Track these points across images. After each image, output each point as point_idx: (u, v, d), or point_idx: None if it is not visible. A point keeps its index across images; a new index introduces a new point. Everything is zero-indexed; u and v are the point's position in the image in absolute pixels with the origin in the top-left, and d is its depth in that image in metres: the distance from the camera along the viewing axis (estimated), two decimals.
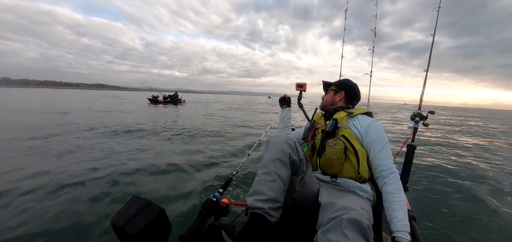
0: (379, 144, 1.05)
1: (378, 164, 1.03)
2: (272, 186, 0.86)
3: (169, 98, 21.03)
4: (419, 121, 1.78)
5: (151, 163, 3.59)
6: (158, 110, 13.95)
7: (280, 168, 0.89)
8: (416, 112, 1.81)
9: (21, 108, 11.98)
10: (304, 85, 1.86)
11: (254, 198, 0.85)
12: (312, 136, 1.23)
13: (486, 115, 26.89)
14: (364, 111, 1.20)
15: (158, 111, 13.50)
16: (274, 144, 0.95)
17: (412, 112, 1.82)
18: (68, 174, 3.00)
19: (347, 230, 0.71)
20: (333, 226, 0.73)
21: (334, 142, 1.08)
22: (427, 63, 1.94)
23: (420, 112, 1.79)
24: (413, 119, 1.80)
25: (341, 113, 1.19)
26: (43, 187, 2.60)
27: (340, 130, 1.13)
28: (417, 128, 1.78)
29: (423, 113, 1.78)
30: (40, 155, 3.90)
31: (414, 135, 1.80)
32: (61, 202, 2.32)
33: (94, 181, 2.82)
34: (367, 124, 1.11)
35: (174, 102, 21.14)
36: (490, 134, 9.94)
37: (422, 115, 1.78)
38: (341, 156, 1.04)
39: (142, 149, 4.54)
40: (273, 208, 0.84)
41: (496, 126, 13.96)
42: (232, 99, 58.73)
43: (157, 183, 2.93)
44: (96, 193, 2.53)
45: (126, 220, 0.80)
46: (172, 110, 14.61)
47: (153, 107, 16.48)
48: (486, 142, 7.28)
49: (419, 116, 1.78)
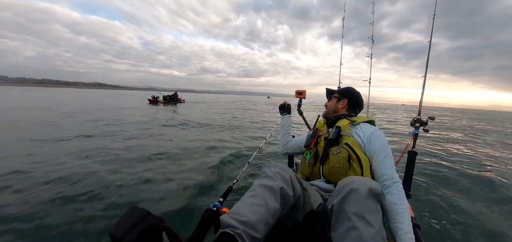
0: (382, 153, 1.05)
1: (381, 173, 1.02)
2: (255, 210, 0.75)
3: (169, 98, 21.10)
4: (419, 126, 1.79)
5: (148, 170, 3.56)
6: (157, 110, 13.98)
7: (270, 197, 0.81)
8: (416, 118, 1.81)
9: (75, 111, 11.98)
10: (303, 93, 1.87)
11: (230, 216, 0.73)
12: (315, 144, 1.22)
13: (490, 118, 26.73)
14: (367, 119, 1.21)
15: (158, 110, 13.49)
16: (268, 174, 0.90)
17: (412, 118, 1.83)
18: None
19: (362, 197, 0.74)
20: (348, 195, 0.76)
21: (338, 150, 1.08)
22: (425, 68, 1.96)
23: (420, 118, 1.80)
24: (413, 125, 1.80)
25: (344, 121, 1.19)
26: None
27: (343, 137, 1.12)
28: (418, 133, 1.78)
29: (423, 119, 1.79)
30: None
31: (414, 140, 1.80)
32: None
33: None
34: (369, 132, 1.11)
35: (174, 102, 21.30)
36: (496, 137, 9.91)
37: (422, 121, 1.79)
38: (345, 164, 1.04)
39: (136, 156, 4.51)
40: (249, 234, 0.69)
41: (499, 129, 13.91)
42: (231, 99, 59.10)
43: (154, 192, 2.90)
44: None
45: (125, 232, 0.78)
46: (173, 110, 14.63)
47: (154, 107, 16.47)
48: (491, 146, 7.25)
49: (419, 122, 1.79)
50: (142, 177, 3.19)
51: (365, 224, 0.71)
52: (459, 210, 2.63)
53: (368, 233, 0.70)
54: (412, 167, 1.68)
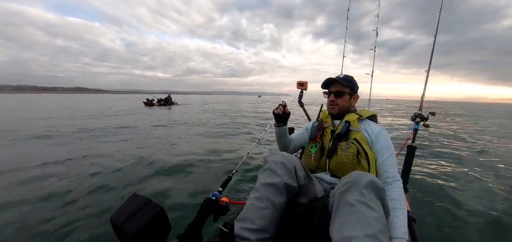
0: (387, 152, 1.06)
1: (385, 170, 1.04)
2: (263, 215, 0.80)
3: (163, 101, 21.87)
4: (419, 121, 1.78)
5: (148, 160, 3.59)
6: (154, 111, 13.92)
7: (274, 195, 0.83)
8: (417, 113, 1.80)
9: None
10: (305, 84, 1.85)
11: (242, 226, 0.80)
12: (321, 136, 1.20)
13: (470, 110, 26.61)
14: (371, 114, 1.21)
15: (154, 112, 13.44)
16: (271, 166, 0.88)
17: (413, 113, 1.82)
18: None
19: (364, 189, 0.74)
20: (350, 187, 0.77)
21: (347, 145, 1.07)
22: (429, 64, 1.93)
23: (420, 113, 1.79)
24: (414, 120, 1.80)
25: (353, 116, 1.17)
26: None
27: (352, 133, 1.12)
28: (418, 128, 1.78)
29: (424, 114, 1.78)
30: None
31: (414, 135, 1.79)
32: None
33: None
34: (377, 130, 1.12)
35: (168, 105, 21.97)
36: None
37: (423, 116, 1.78)
38: (354, 160, 1.04)
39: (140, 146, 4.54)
40: (261, 239, 0.78)
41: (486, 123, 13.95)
42: (219, 99, 59.53)
43: (156, 181, 2.93)
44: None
45: (125, 219, 0.80)
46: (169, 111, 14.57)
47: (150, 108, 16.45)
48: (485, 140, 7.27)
49: (420, 117, 1.78)
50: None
51: (367, 207, 0.71)
52: (456, 206, 2.66)
53: (371, 215, 0.70)
54: (411, 161, 1.68)
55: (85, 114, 11.55)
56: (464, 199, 2.84)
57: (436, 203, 2.69)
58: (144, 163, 3.55)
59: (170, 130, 7.07)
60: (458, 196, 2.90)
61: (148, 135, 6.10)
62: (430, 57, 1.94)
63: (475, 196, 2.94)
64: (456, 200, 2.77)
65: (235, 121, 9.89)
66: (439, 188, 3.13)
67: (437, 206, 2.61)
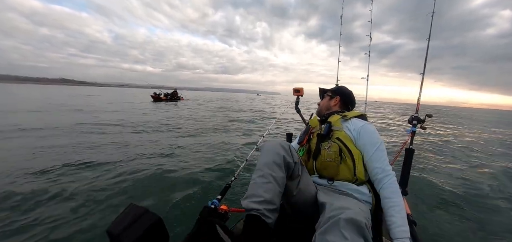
0: (373, 146, 1.04)
1: (373, 166, 1.02)
2: (268, 188, 0.87)
3: (169, 96, 22.66)
4: (417, 124, 1.80)
5: (147, 169, 3.54)
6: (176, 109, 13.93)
7: (275, 170, 0.90)
8: (414, 116, 1.82)
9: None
10: (301, 90, 1.88)
11: (250, 200, 0.86)
12: (308, 140, 1.23)
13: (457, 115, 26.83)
14: (358, 114, 1.21)
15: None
16: (268, 148, 0.95)
17: (410, 116, 1.83)
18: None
19: (344, 230, 0.70)
20: (330, 227, 0.72)
21: (329, 144, 1.09)
22: (423, 67, 1.97)
23: (417, 116, 1.81)
24: (411, 123, 1.81)
25: (335, 117, 1.20)
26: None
27: (335, 132, 1.13)
28: (415, 131, 1.79)
29: (420, 117, 1.80)
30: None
31: (412, 138, 1.80)
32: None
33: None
34: (359, 126, 1.10)
35: (175, 100, 22.91)
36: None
37: (420, 119, 1.79)
38: (337, 158, 1.05)
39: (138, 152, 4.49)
40: (269, 209, 0.84)
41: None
42: (213, 96, 60.33)
43: (153, 189, 2.89)
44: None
45: (122, 229, 0.78)
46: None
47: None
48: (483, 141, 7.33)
49: (416, 119, 1.79)
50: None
51: None
52: (457, 208, 2.66)
53: None
54: (410, 164, 1.68)
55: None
56: (464, 199, 2.85)
57: (436, 204, 2.68)
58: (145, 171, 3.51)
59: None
60: (459, 197, 2.90)
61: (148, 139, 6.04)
62: (425, 61, 1.98)
63: (475, 195, 2.95)
64: (457, 202, 2.77)
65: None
66: (440, 188, 3.14)
67: (438, 208, 2.60)
